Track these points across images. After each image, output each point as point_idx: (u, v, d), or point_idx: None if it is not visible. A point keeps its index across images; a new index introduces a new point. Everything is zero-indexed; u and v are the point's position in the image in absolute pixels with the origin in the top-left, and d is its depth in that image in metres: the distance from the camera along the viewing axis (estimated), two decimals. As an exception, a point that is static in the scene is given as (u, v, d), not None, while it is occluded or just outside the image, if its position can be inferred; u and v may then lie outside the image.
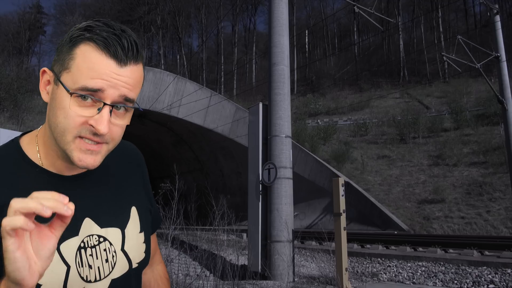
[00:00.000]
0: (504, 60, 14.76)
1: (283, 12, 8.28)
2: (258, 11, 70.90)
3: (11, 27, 60.49)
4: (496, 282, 6.53)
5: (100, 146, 0.75)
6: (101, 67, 0.71)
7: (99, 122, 0.71)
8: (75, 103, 0.72)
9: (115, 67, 0.72)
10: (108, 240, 0.83)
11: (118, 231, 0.85)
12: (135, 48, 0.74)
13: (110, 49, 0.72)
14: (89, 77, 0.71)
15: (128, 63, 0.74)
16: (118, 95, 0.73)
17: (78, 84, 0.71)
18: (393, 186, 24.69)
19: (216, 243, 8.42)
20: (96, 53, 0.72)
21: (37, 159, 0.80)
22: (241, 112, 21.43)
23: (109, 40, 0.72)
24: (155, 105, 20.02)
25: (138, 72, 0.76)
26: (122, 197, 0.88)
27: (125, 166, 0.93)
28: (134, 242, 0.87)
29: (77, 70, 0.71)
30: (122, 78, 0.73)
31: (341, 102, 43.96)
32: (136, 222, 0.89)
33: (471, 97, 36.13)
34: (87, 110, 0.72)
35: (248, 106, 10.51)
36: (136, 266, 0.87)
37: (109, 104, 0.72)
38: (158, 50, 66.19)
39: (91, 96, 0.71)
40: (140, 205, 0.92)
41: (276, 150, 7.58)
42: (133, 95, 0.75)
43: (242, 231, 11.97)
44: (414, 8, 56.90)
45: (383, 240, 11.48)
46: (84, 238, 0.80)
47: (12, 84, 15.80)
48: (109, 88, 0.71)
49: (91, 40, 0.72)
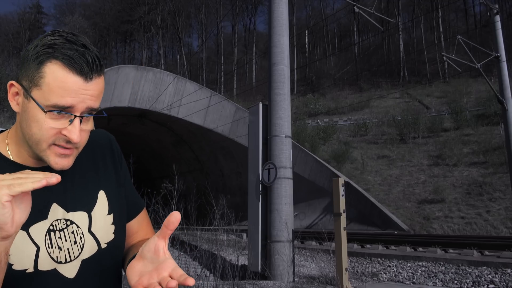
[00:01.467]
0: (504, 60, 14.76)
1: (283, 12, 8.27)
2: (258, 11, 70.99)
3: (11, 27, 60.47)
4: (496, 282, 6.53)
5: (72, 150, 0.84)
6: (69, 86, 0.79)
7: (72, 133, 0.81)
8: (49, 117, 0.80)
9: (82, 83, 0.80)
10: (75, 223, 0.89)
11: (84, 214, 0.91)
12: (97, 62, 0.82)
13: (76, 67, 0.79)
14: (60, 95, 0.78)
15: (93, 77, 0.81)
16: (86, 107, 0.81)
17: (50, 101, 0.79)
18: (393, 186, 24.69)
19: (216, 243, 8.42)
20: (63, 72, 0.79)
21: (7, 154, 0.89)
22: (241, 112, 21.42)
23: (75, 59, 0.79)
24: (155, 105, 20.01)
25: (101, 83, 0.84)
26: (88, 183, 0.94)
27: (92, 154, 0.99)
28: (102, 223, 0.93)
29: (48, 89, 0.79)
30: (88, 92, 0.81)
31: (341, 102, 43.94)
32: (104, 205, 0.95)
33: (471, 97, 36.12)
34: (59, 122, 0.81)
35: (248, 106, 10.51)
36: (105, 247, 0.92)
37: (79, 116, 0.81)
38: (158, 50, 66.17)
39: (62, 111, 0.80)
40: (109, 189, 0.97)
41: (276, 150, 7.58)
42: (97, 104, 0.84)
43: (242, 231, 11.97)
44: (414, 8, 56.88)
45: (383, 240, 11.48)
46: (53, 221, 0.86)
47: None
48: (78, 104, 0.80)
49: (57, 58, 0.79)
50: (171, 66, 60.79)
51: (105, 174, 0.99)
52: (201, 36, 66.19)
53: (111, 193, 0.97)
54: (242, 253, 8.99)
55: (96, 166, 0.98)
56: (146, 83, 19.66)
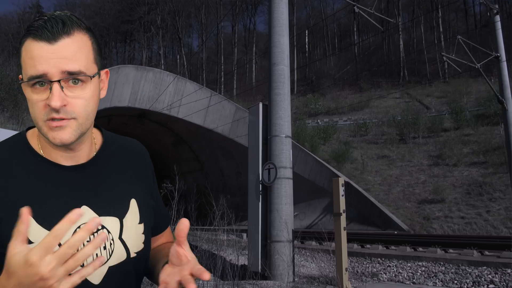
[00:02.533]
0: (504, 60, 14.75)
1: (283, 12, 8.27)
2: (258, 11, 71.00)
3: (11, 27, 60.51)
4: (496, 282, 6.53)
5: (66, 121, 0.79)
6: (36, 53, 0.77)
7: (51, 99, 0.76)
8: (33, 92, 0.79)
9: (47, 47, 0.77)
10: (106, 228, 0.86)
11: (116, 220, 0.88)
12: (60, 24, 0.78)
13: (37, 34, 0.77)
14: (31, 66, 0.77)
15: (58, 39, 0.78)
16: (60, 71, 0.77)
17: (27, 75, 0.78)
18: (393, 186, 24.69)
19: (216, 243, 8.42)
20: (31, 44, 0.78)
21: (38, 149, 0.88)
22: (241, 112, 21.42)
23: (37, 28, 0.78)
24: (155, 105, 20.01)
25: (74, 43, 0.79)
26: (121, 189, 0.92)
27: (126, 162, 0.97)
28: (133, 232, 0.90)
29: (24, 64, 0.79)
30: (58, 54, 0.77)
31: (341, 102, 43.93)
32: (136, 213, 0.92)
33: (471, 97, 36.11)
34: (43, 94, 0.78)
35: (248, 106, 10.51)
36: (134, 256, 0.89)
37: (55, 81, 0.77)
38: (158, 50, 66.16)
39: (42, 81, 0.77)
40: (140, 198, 0.95)
41: (276, 150, 7.58)
42: (75, 66, 0.78)
43: (242, 231, 11.97)
44: (414, 8, 56.86)
45: (383, 240, 11.48)
46: (81, 224, 0.81)
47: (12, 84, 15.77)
48: (51, 68, 0.77)
49: (28, 34, 0.79)
50: (171, 66, 60.77)
51: (137, 183, 0.97)
52: (201, 36, 66.20)
53: (142, 203, 0.95)
54: (242, 253, 8.99)
55: (129, 174, 0.96)
56: (146, 83, 19.66)
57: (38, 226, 0.79)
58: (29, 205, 0.77)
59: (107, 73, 0.92)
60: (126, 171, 0.96)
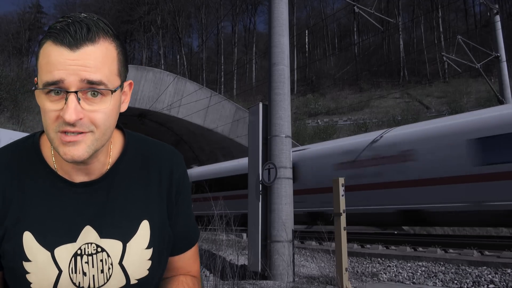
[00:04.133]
0: (504, 60, 14.75)
1: (283, 12, 8.27)
2: (258, 11, 71.01)
3: (11, 27, 60.51)
4: (496, 282, 6.53)
5: (82, 136, 0.72)
6: (54, 58, 0.70)
7: (65, 111, 0.69)
8: (47, 100, 0.71)
9: (67, 53, 0.70)
10: (106, 251, 0.80)
11: (118, 244, 0.81)
12: (85, 29, 0.72)
13: (59, 38, 0.71)
14: (47, 71, 0.70)
15: (81, 45, 0.71)
16: (79, 80, 0.70)
17: (42, 81, 0.71)
18: (393, 186, 24.66)
19: (216, 243, 8.42)
20: (50, 47, 0.71)
21: (49, 157, 0.82)
22: (241, 112, 21.42)
23: (59, 31, 0.71)
24: (155, 105, 20.02)
25: (98, 51, 0.72)
26: (132, 209, 0.84)
27: (145, 172, 0.88)
28: (137, 257, 0.83)
29: (40, 69, 0.72)
30: (79, 62, 0.70)
31: (341, 102, 43.97)
32: (145, 237, 0.84)
33: (471, 97, 36.14)
34: (57, 103, 0.71)
35: (248, 106, 10.51)
36: (135, 283, 0.83)
37: (73, 92, 0.70)
38: (158, 50, 66.20)
39: (58, 89, 0.70)
40: (155, 219, 0.86)
41: (276, 150, 7.58)
42: (98, 76, 0.71)
43: (242, 231, 11.97)
44: (414, 8, 56.90)
45: (383, 240, 11.47)
46: (82, 245, 0.78)
47: (12, 84, 15.79)
48: (69, 76, 0.69)
49: (48, 37, 0.72)
50: (171, 66, 60.78)
51: (155, 199, 0.87)
52: (201, 36, 66.23)
53: (156, 224, 0.86)
54: (242, 253, 8.99)
55: (147, 188, 0.87)
56: (146, 83, 19.67)
57: (37, 244, 0.76)
58: (29, 221, 0.78)
59: (131, 84, 0.85)
60: (143, 187, 0.86)
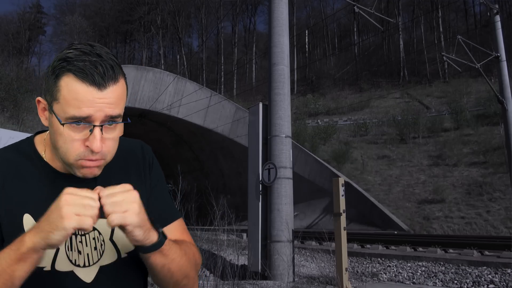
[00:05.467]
0: (504, 60, 14.73)
1: (283, 12, 8.27)
2: (258, 11, 70.99)
3: (11, 27, 60.40)
4: (496, 282, 6.53)
5: (98, 162, 0.85)
6: (84, 96, 0.80)
7: (92, 142, 0.81)
8: (69, 129, 0.82)
9: (96, 93, 0.80)
10: (97, 230, 0.92)
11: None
12: (110, 70, 0.82)
13: (88, 78, 0.80)
14: (76, 107, 0.80)
15: (108, 86, 0.81)
16: (104, 115, 0.82)
17: (68, 114, 0.81)
18: (393, 186, 24.69)
19: (216, 243, 8.42)
20: (77, 84, 0.80)
21: (43, 156, 0.94)
22: (241, 112, 21.42)
23: (86, 70, 0.80)
24: (155, 105, 20.02)
25: (119, 89, 0.84)
26: None
27: (124, 164, 1.00)
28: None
29: (65, 102, 0.81)
30: (105, 100, 0.81)
31: (341, 102, 43.93)
32: None
33: (471, 97, 36.12)
34: (80, 133, 0.82)
35: (248, 106, 10.51)
36: (125, 256, 0.94)
37: (98, 125, 0.82)
38: (158, 50, 66.16)
39: (81, 122, 0.81)
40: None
41: (276, 150, 7.58)
42: (117, 111, 0.83)
43: (242, 231, 11.96)
44: (414, 8, 56.86)
45: (383, 240, 11.47)
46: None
47: (12, 84, 15.79)
48: (96, 113, 0.80)
49: (71, 71, 0.80)
50: (171, 66, 60.74)
51: (135, 182, 0.96)
52: (201, 36, 66.15)
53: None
54: (242, 253, 8.99)
55: (127, 176, 0.99)
56: (146, 83, 19.67)
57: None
58: (28, 205, 0.88)
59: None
60: (125, 174, 0.99)
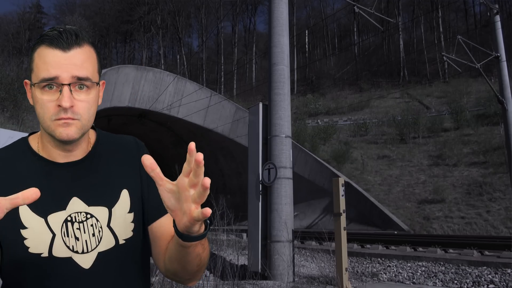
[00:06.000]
0: (504, 60, 14.73)
1: (283, 12, 8.27)
2: (258, 11, 71.00)
3: (11, 27, 60.40)
4: (496, 282, 6.53)
5: (72, 120, 0.90)
6: (50, 58, 0.89)
7: (61, 99, 0.88)
8: (43, 93, 0.90)
9: (60, 54, 0.89)
10: (95, 217, 0.95)
11: (105, 210, 0.96)
12: (73, 35, 0.91)
13: (53, 42, 0.89)
14: (45, 69, 0.89)
15: (71, 48, 0.90)
16: (71, 76, 0.89)
17: (39, 77, 0.89)
18: (393, 186, 24.69)
19: (216, 243, 8.42)
20: (46, 50, 0.90)
21: (37, 150, 0.99)
22: (241, 112, 21.42)
23: (53, 37, 0.90)
24: (155, 105, 20.01)
25: (83, 53, 0.92)
26: (112, 181, 1.00)
27: (119, 157, 1.05)
28: (121, 220, 0.97)
29: (37, 68, 0.90)
30: (70, 61, 0.89)
31: (341, 102, 43.92)
32: (126, 203, 1.00)
33: (471, 97, 36.11)
34: (53, 95, 0.89)
35: (248, 106, 10.51)
36: (123, 243, 0.96)
37: (66, 84, 0.88)
38: (158, 50, 66.17)
39: (52, 84, 0.89)
40: (133, 189, 1.02)
41: (276, 150, 7.58)
42: (84, 73, 0.91)
43: (242, 231, 11.97)
44: (414, 8, 56.86)
45: (383, 240, 11.48)
46: (72, 213, 0.93)
47: (12, 84, 15.77)
48: (62, 73, 0.88)
49: (42, 42, 0.91)
50: (171, 66, 60.73)
51: (130, 174, 1.04)
52: (201, 36, 66.16)
53: (134, 193, 1.02)
54: (242, 253, 9.00)
55: (122, 167, 1.03)
56: (146, 83, 19.67)
57: (32, 213, 0.91)
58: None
59: (103, 84, 1.04)
60: (118, 166, 1.03)
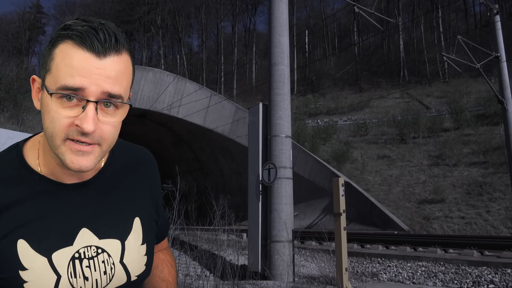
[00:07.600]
0: (504, 60, 14.75)
1: (283, 12, 8.27)
2: (258, 11, 70.98)
3: (11, 27, 60.48)
4: (496, 282, 6.53)
5: (92, 147, 0.71)
6: (78, 62, 0.68)
7: (84, 121, 0.68)
8: (59, 104, 0.69)
9: (93, 60, 0.68)
10: (107, 252, 0.80)
11: (117, 243, 0.81)
12: (113, 38, 0.71)
13: (86, 43, 0.68)
14: (68, 74, 0.68)
15: (108, 54, 0.70)
16: (101, 91, 0.69)
17: (59, 83, 0.68)
18: (393, 186, 24.69)
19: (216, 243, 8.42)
20: (73, 49, 0.69)
21: (36, 165, 0.78)
22: (241, 112, 21.42)
23: (85, 34, 0.68)
24: (155, 105, 20.01)
25: (121, 63, 0.72)
26: (125, 208, 0.85)
27: (131, 174, 0.90)
28: (135, 254, 0.84)
29: (57, 70, 0.69)
30: (103, 72, 0.69)
31: (341, 102, 43.94)
32: (139, 234, 0.86)
33: (471, 97, 36.12)
34: (72, 110, 0.69)
35: (248, 106, 10.51)
36: (135, 279, 0.84)
37: (93, 101, 0.68)
38: (158, 50, 66.18)
39: (74, 96, 0.68)
40: (144, 216, 0.88)
41: (276, 150, 7.58)
42: (117, 90, 0.71)
43: (242, 231, 11.97)
44: (414, 8, 56.90)
45: (383, 240, 11.48)
46: (80, 249, 0.77)
47: (12, 84, 15.79)
48: (91, 85, 0.68)
49: (68, 37, 0.69)
50: (171, 66, 60.76)
51: (142, 198, 0.90)
52: (201, 36, 66.20)
53: (146, 220, 0.88)
54: (242, 253, 9.00)
55: (136, 188, 0.89)
56: (146, 83, 19.67)
57: (33, 251, 0.73)
58: (25, 228, 0.74)
59: (130, 95, 0.82)
60: (132, 186, 0.88)
